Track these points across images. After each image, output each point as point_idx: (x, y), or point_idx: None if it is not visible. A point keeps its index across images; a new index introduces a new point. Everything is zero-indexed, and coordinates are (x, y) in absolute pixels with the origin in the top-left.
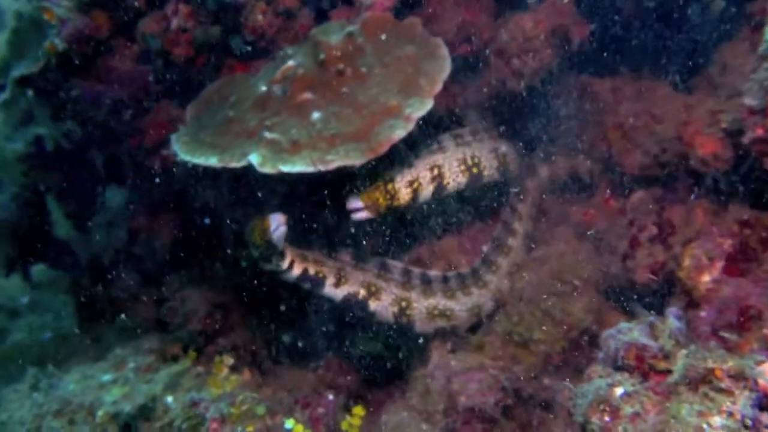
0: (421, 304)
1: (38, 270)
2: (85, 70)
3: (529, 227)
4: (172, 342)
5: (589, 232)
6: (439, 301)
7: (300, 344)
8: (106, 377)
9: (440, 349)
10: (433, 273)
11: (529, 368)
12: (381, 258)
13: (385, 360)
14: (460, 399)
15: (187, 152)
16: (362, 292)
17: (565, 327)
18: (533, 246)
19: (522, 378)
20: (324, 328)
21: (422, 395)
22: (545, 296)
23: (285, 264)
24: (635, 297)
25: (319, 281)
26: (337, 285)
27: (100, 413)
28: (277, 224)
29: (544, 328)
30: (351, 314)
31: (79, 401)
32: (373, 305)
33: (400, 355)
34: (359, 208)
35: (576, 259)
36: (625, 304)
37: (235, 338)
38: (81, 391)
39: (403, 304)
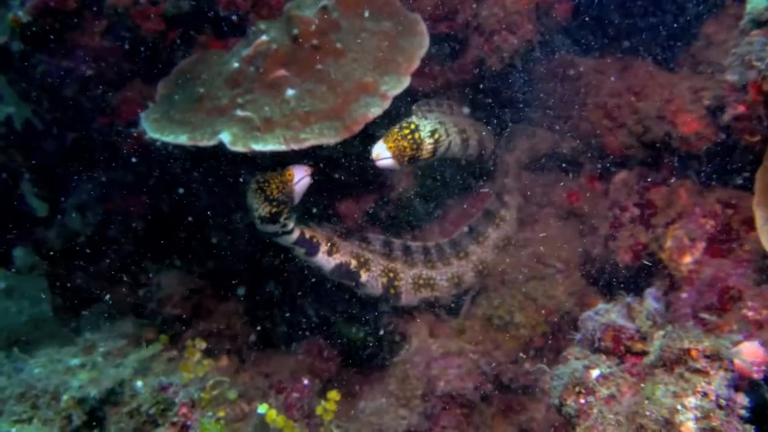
0: (407, 275)
1: (17, 255)
2: (52, 45)
3: (520, 201)
4: (147, 327)
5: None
6: (423, 271)
7: (281, 329)
8: (74, 361)
9: (420, 335)
10: (414, 244)
11: (510, 353)
12: (361, 231)
13: (365, 347)
14: (439, 384)
15: (156, 130)
16: (353, 263)
17: (546, 310)
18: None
19: (502, 363)
20: (306, 312)
21: (401, 381)
22: (527, 279)
23: (291, 224)
24: (617, 279)
25: (314, 246)
26: (329, 253)
27: (65, 398)
28: (302, 175)
29: (525, 311)
30: (339, 283)
31: (43, 385)
32: (364, 276)
33: (381, 343)
34: (385, 156)
35: (559, 241)
36: (607, 286)
37: (213, 323)
38: (46, 375)
39: (391, 275)
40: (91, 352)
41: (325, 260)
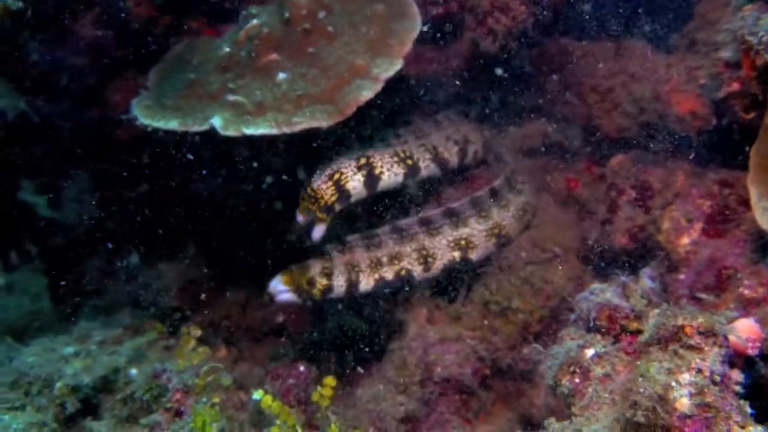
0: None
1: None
2: (43, 34)
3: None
4: (146, 318)
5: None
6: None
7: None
8: (68, 350)
9: (417, 321)
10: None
11: (508, 338)
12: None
13: (365, 336)
14: (437, 370)
15: (147, 116)
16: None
17: (544, 295)
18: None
19: (500, 348)
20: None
21: (398, 367)
22: (524, 264)
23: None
24: (615, 262)
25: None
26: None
27: (58, 385)
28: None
29: (523, 297)
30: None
31: (36, 373)
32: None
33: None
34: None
35: (556, 226)
36: (605, 270)
37: (212, 314)
38: (39, 363)
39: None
40: (85, 341)
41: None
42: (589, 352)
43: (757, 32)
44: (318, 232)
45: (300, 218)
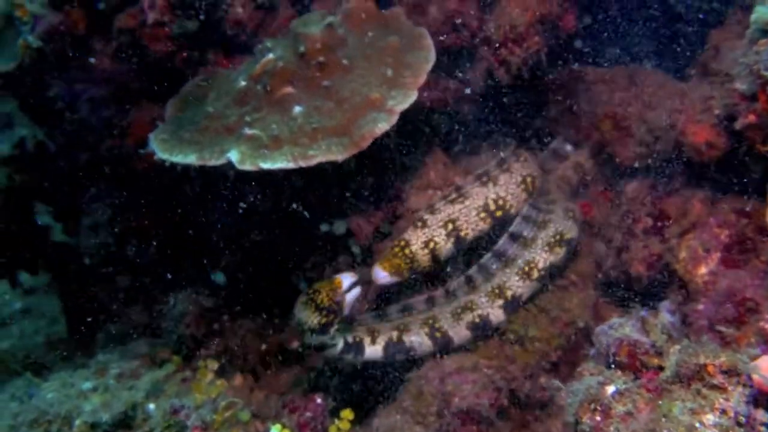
0: (445, 313)
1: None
2: (63, 69)
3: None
4: (162, 347)
5: None
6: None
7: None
8: (87, 385)
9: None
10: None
11: (525, 367)
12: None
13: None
14: (454, 400)
15: (165, 150)
16: (395, 334)
17: (561, 324)
18: None
19: (518, 378)
20: None
21: (415, 397)
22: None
23: (339, 340)
24: (632, 291)
25: (360, 346)
26: (373, 342)
27: (77, 422)
28: (350, 283)
29: (539, 325)
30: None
31: (56, 410)
32: (406, 339)
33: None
34: (382, 276)
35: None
36: (622, 298)
37: (227, 342)
38: (59, 399)
39: (430, 321)
40: (103, 374)
41: (373, 351)
42: (610, 389)
43: None
44: (386, 282)
45: (383, 274)
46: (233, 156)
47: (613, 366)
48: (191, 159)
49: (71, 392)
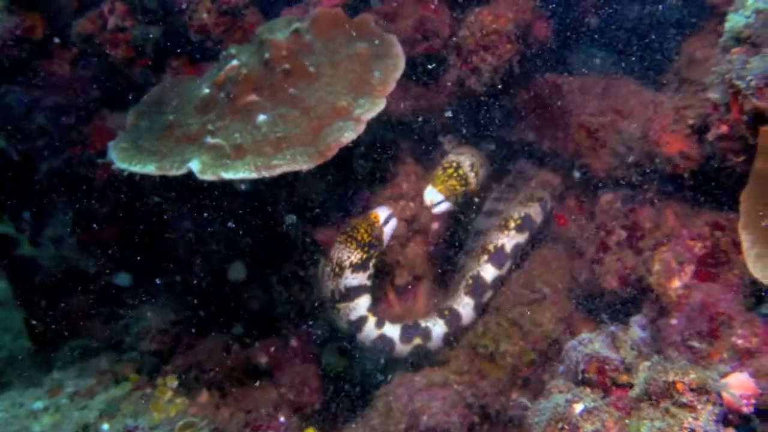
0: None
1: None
2: (20, 75)
3: None
4: (124, 363)
5: None
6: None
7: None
8: (38, 404)
9: (403, 366)
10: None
11: (496, 383)
12: None
13: (348, 379)
14: (423, 418)
15: (124, 160)
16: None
17: (533, 338)
18: None
19: (489, 394)
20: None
21: (383, 414)
22: (513, 305)
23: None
24: (605, 305)
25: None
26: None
27: None
28: (387, 215)
29: (511, 339)
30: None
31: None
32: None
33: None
34: (440, 200)
35: (545, 265)
36: (595, 312)
37: (193, 358)
38: (6, 420)
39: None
40: (57, 393)
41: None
42: (578, 408)
43: (745, 76)
44: (443, 209)
45: (436, 196)
46: (194, 166)
47: (582, 383)
48: (150, 169)
49: (20, 412)
